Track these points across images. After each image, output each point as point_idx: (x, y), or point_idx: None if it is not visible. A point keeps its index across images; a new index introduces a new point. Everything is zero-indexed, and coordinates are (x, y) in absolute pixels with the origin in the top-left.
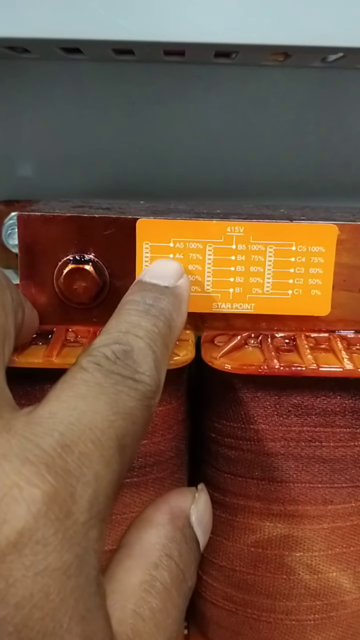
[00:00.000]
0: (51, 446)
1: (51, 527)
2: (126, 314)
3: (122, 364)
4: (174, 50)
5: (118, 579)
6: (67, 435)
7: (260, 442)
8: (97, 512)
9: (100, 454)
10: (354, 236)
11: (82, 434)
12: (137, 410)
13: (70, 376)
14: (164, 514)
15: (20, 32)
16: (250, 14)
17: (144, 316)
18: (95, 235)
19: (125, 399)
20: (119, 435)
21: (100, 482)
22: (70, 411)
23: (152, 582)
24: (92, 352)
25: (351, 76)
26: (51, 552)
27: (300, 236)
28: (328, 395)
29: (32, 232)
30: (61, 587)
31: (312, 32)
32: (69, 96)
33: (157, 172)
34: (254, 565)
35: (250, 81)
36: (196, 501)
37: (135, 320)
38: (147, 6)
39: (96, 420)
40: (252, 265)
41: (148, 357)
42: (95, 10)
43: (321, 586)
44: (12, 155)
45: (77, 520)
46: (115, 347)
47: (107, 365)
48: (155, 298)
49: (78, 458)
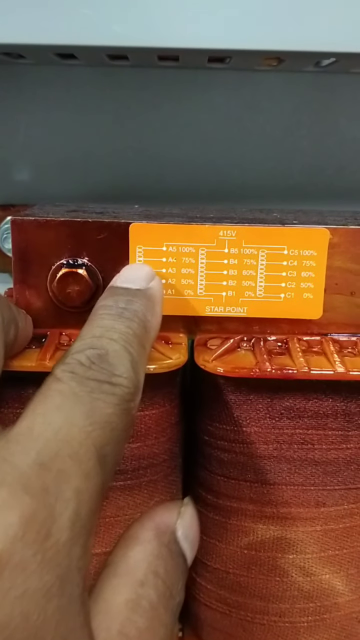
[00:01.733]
0: (28, 465)
1: (29, 550)
2: (99, 318)
3: (98, 368)
4: (168, 55)
5: (104, 598)
6: (44, 452)
7: (252, 445)
8: (79, 528)
9: (79, 468)
10: (346, 240)
11: (59, 450)
12: (115, 416)
13: (46, 387)
14: (150, 531)
15: (14, 38)
16: (243, 19)
17: (117, 319)
18: (88, 240)
19: (102, 406)
20: (97, 446)
21: (81, 497)
22: (46, 426)
23: (138, 600)
24: (67, 360)
25: (344, 80)
26: (30, 575)
27: (292, 240)
28: (320, 398)
29: (26, 236)
30: (42, 609)
31: (304, 38)
32: (64, 101)
33: (151, 176)
34: (247, 568)
35: (244, 85)
36: (182, 516)
37: (108, 324)
38: (141, 12)
39: (73, 432)
40: (245, 269)
41: (124, 358)
42: (89, 17)
43: (314, 588)
44: (8, 160)
45: (57, 540)
46: (89, 352)
47: (82, 372)
48: (128, 301)
49: (56, 475)
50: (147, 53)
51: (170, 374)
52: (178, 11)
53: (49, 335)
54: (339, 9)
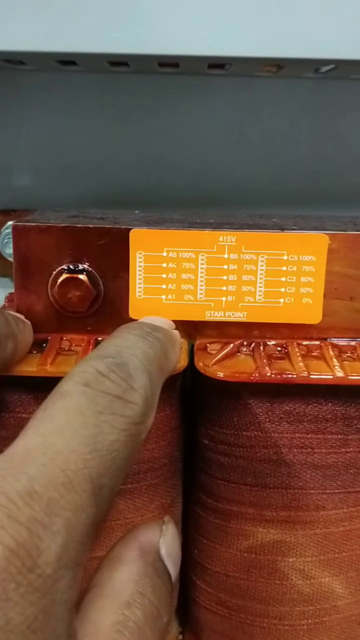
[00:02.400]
0: (18, 493)
1: (12, 582)
2: (123, 336)
3: (115, 377)
4: (168, 61)
5: (91, 620)
6: (37, 479)
7: (252, 449)
8: (66, 561)
9: (71, 499)
10: (345, 245)
11: (52, 477)
12: (119, 443)
13: (52, 402)
14: (134, 550)
15: (17, 46)
16: (243, 27)
17: (140, 339)
18: (89, 245)
19: (108, 432)
20: (93, 476)
21: (71, 529)
22: (45, 449)
23: (125, 622)
24: (84, 368)
25: (344, 86)
26: (12, 607)
27: (292, 245)
28: (319, 402)
29: (27, 242)
30: None
31: (303, 45)
32: (64, 107)
33: (152, 181)
34: (247, 571)
35: (244, 92)
36: (164, 534)
37: (132, 341)
38: (142, 20)
39: (70, 460)
40: (244, 274)
41: (144, 373)
42: (90, 24)
43: (314, 591)
44: (9, 165)
45: (42, 573)
46: (109, 361)
47: (97, 383)
48: (153, 328)
49: (47, 505)
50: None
51: (170, 378)
52: (178, 19)
53: (49, 340)
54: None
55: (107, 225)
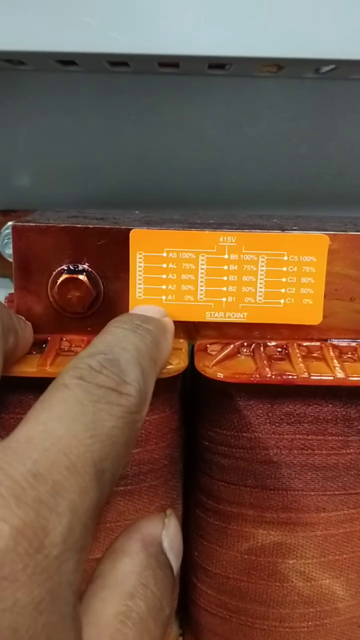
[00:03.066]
0: (23, 476)
1: (20, 563)
2: (113, 330)
3: (108, 372)
4: (168, 62)
5: (94, 610)
6: (41, 462)
7: (253, 450)
8: (72, 543)
9: (75, 482)
10: (345, 246)
11: (56, 461)
12: (118, 429)
13: (50, 395)
14: (137, 542)
15: (17, 46)
16: (243, 27)
17: (130, 333)
18: (89, 246)
19: (105, 419)
20: (96, 460)
21: (76, 511)
22: (46, 435)
23: (128, 612)
24: (77, 364)
25: (344, 87)
26: (20, 588)
27: (292, 246)
28: (320, 403)
29: (27, 242)
30: (31, 623)
31: (303, 45)
32: (64, 107)
33: (152, 182)
34: (247, 573)
35: (244, 92)
36: (166, 527)
37: (122, 335)
38: (142, 20)
39: (72, 444)
40: (245, 274)
41: (136, 367)
42: (90, 24)
43: (314, 593)
44: (9, 166)
45: (49, 554)
46: (100, 357)
47: (91, 377)
48: (143, 320)
49: (52, 487)
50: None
51: (170, 379)
52: (178, 19)
53: (49, 340)
54: (338, 16)
55: (107, 225)
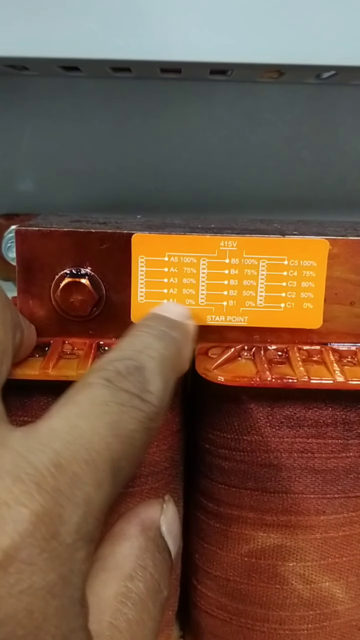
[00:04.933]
0: (44, 464)
1: (37, 547)
2: (140, 335)
3: (134, 380)
4: (170, 67)
5: (95, 592)
6: (62, 454)
7: (253, 453)
8: (85, 533)
9: (93, 476)
10: (345, 251)
11: (76, 454)
12: (137, 433)
13: (75, 392)
14: (136, 526)
15: (20, 52)
16: (244, 33)
17: (157, 340)
18: (91, 250)
19: (127, 421)
20: (114, 458)
21: (91, 504)
22: (69, 429)
23: (127, 593)
24: (105, 366)
25: (345, 92)
26: (36, 572)
27: (293, 251)
28: (320, 407)
29: (30, 246)
30: (45, 606)
31: (304, 51)
32: (67, 112)
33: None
34: (247, 575)
35: (246, 97)
36: (165, 512)
37: (148, 342)
38: (144, 26)
39: (94, 440)
40: (245, 279)
41: (158, 377)
42: (93, 30)
43: (314, 596)
44: (12, 170)
45: (63, 541)
46: (128, 363)
47: (117, 381)
48: (169, 326)
49: (70, 478)
50: (150, 66)
51: None
52: (181, 25)
53: (52, 343)
54: (339, 23)
55: (109, 229)
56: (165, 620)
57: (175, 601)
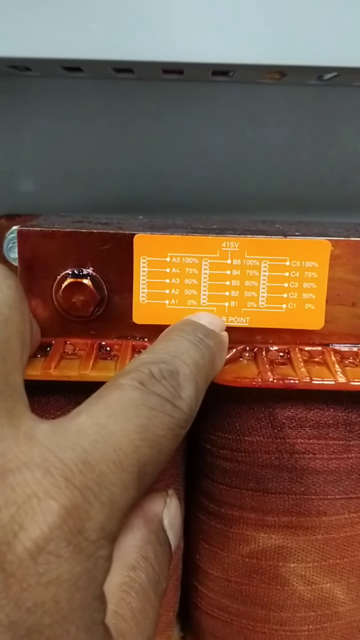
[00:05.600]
0: (73, 461)
1: (64, 540)
2: (177, 339)
3: (167, 384)
4: (172, 68)
5: None
6: (90, 452)
7: (254, 454)
8: (108, 532)
9: (119, 477)
10: (347, 252)
11: (105, 454)
12: (165, 439)
13: (107, 392)
14: (139, 518)
15: (22, 52)
16: (246, 34)
17: (193, 347)
18: (93, 250)
19: (157, 426)
20: (141, 462)
21: (116, 504)
22: (99, 428)
23: (130, 583)
24: (138, 368)
25: (346, 93)
26: (63, 563)
27: (294, 251)
28: (321, 407)
29: (32, 246)
30: (70, 597)
31: (306, 53)
32: (69, 113)
33: (155, 187)
34: (248, 576)
35: (248, 98)
36: (168, 505)
37: (185, 347)
38: (146, 27)
39: (122, 442)
40: (247, 279)
41: (191, 384)
42: (95, 31)
43: (315, 597)
44: (14, 170)
45: (89, 537)
46: (162, 366)
47: (150, 384)
48: (206, 334)
49: (98, 477)
50: (152, 67)
51: None
52: (183, 26)
53: (53, 344)
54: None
55: (111, 230)
56: (166, 621)
57: (176, 602)
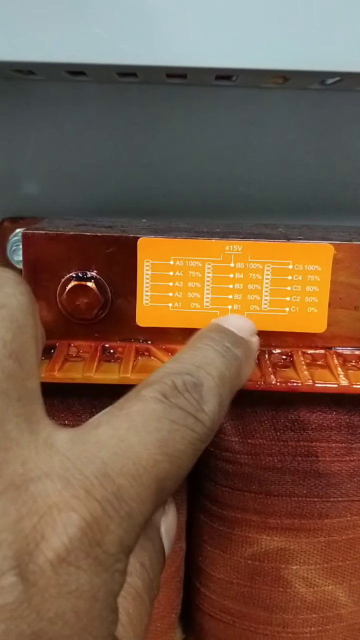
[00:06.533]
0: (93, 473)
1: (83, 552)
2: (202, 349)
3: (190, 397)
4: (176, 73)
5: None
6: (110, 465)
7: (257, 456)
8: (126, 547)
9: (138, 492)
10: (350, 255)
11: (124, 467)
12: (186, 455)
13: (129, 403)
14: None
15: (27, 57)
16: (250, 39)
17: (219, 357)
18: (97, 253)
19: (178, 441)
20: (160, 477)
21: (134, 519)
22: (118, 441)
23: (128, 589)
24: (162, 379)
25: (349, 98)
26: (82, 575)
27: (297, 255)
28: (324, 410)
29: (36, 249)
30: (89, 608)
31: (309, 58)
32: (73, 116)
33: (158, 190)
34: (251, 578)
35: (250, 102)
36: (166, 513)
37: (211, 358)
38: (150, 31)
39: (142, 456)
40: (250, 283)
41: (215, 397)
42: (99, 36)
43: (317, 599)
44: (18, 173)
45: (107, 550)
46: (187, 378)
47: (173, 396)
48: (233, 343)
49: (117, 490)
50: (155, 71)
51: None
52: (186, 31)
53: (57, 346)
54: (344, 29)
55: (115, 233)
56: (169, 623)
57: (178, 604)
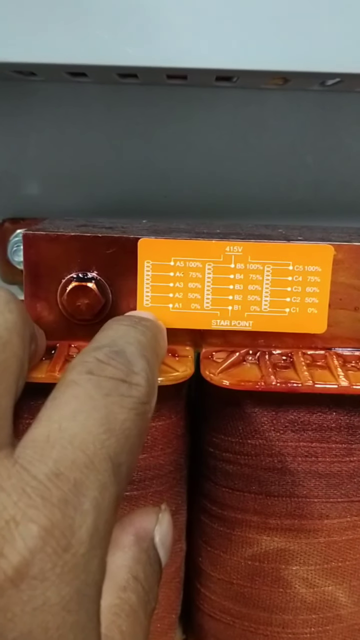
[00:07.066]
0: (46, 475)
1: (48, 562)
2: (114, 326)
3: (116, 363)
4: (176, 74)
5: None
6: (61, 461)
7: (257, 457)
8: (97, 540)
9: (95, 479)
10: (350, 256)
11: (75, 459)
12: (130, 422)
13: (60, 392)
14: (130, 535)
15: (28, 58)
16: (250, 40)
17: (131, 328)
18: (98, 254)
19: (117, 412)
20: (112, 455)
21: (99, 508)
22: (62, 433)
23: (121, 605)
24: (84, 359)
25: (349, 99)
26: (49, 587)
27: (297, 256)
28: (324, 411)
29: (37, 250)
30: (60, 622)
31: (309, 59)
32: (73, 117)
33: (159, 191)
34: (251, 579)
35: (251, 103)
36: (160, 522)
37: (123, 330)
38: (151, 33)
39: (88, 441)
40: (250, 283)
41: (142, 358)
42: (100, 37)
43: (317, 600)
44: (18, 174)
45: (76, 552)
46: (107, 350)
47: (99, 370)
48: (139, 319)
49: (74, 486)
50: (156, 72)
51: (176, 386)
52: (187, 32)
53: (58, 347)
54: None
55: (116, 234)
56: (168, 623)
57: (178, 604)
